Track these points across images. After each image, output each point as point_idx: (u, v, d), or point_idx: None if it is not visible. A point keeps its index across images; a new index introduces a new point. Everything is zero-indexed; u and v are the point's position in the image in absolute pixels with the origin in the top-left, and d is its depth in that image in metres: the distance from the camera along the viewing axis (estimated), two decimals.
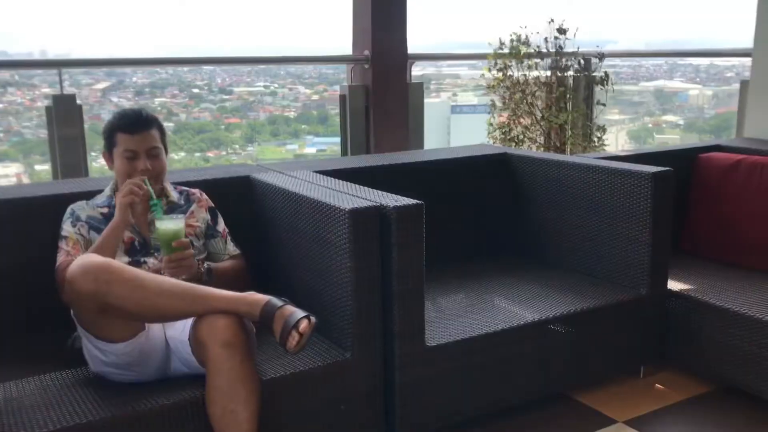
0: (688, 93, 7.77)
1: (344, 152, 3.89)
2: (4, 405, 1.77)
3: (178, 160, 5.52)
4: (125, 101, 3.16)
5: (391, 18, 3.78)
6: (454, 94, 5.74)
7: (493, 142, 4.19)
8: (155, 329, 1.94)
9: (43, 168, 5.76)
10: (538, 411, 2.38)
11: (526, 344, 2.30)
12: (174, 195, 2.30)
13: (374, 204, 2.00)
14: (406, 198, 2.05)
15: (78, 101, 3.13)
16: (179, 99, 5.68)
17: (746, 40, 3.58)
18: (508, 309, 2.38)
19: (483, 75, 4.22)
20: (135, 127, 2.17)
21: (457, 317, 2.31)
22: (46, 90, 5.64)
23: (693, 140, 7.54)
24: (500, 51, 4.09)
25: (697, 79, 7.78)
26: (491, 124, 4.20)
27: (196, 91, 5.92)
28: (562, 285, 2.59)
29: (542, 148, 4.11)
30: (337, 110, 6.75)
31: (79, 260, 1.77)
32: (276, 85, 6.28)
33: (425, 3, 4.15)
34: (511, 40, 4.06)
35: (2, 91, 5.68)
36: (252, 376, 1.79)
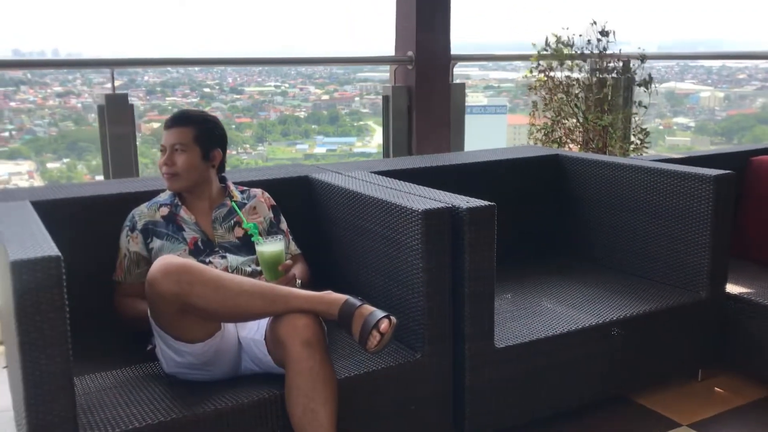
0: (699, 95, 7.74)
1: (386, 153, 3.90)
2: (85, 400, 1.79)
3: None
4: (136, 99, 3.18)
5: (435, 19, 3.78)
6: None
7: (534, 143, 4.19)
8: (229, 329, 1.95)
9: (55, 166, 5.81)
10: (600, 413, 2.39)
11: (589, 347, 2.30)
12: (238, 195, 2.32)
13: (446, 205, 2.01)
14: (477, 199, 2.06)
15: (130, 101, 3.14)
16: (190, 98, 5.71)
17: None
18: (568, 312, 2.37)
19: (525, 76, 4.21)
20: (170, 123, 2.21)
21: (518, 319, 2.32)
22: (58, 89, 5.69)
23: (704, 143, 7.51)
24: (544, 52, 4.08)
25: (709, 81, 7.75)
26: (533, 125, 4.20)
27: (207, 90, 5.95)
28: (619, 287, 2.59)
29: (582, 150, 4.10)
30: (347, 110, 6.76)
31: (160, 262, 1.78)
32: (287, 85, 6.30)
33: (466, 4, 4.13)
34: (556, 41, 4.05)
35: (15, 90, 5.72)
36: (331, 376, 1.79)
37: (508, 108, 6.22)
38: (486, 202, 2.02)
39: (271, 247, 2.03)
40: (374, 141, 6.75)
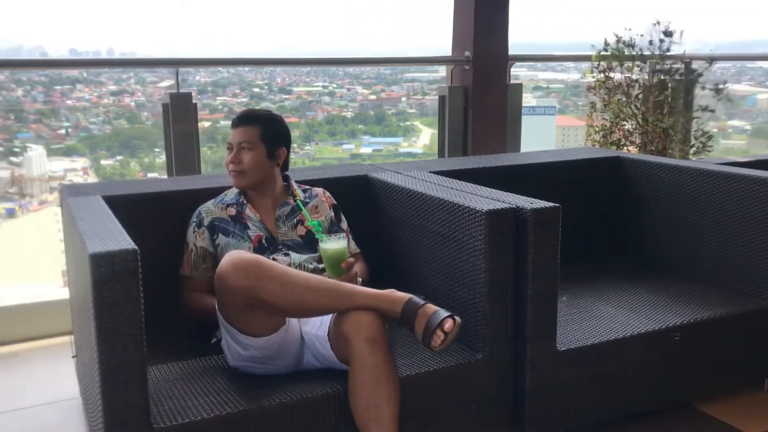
0: (756, 97, 7.53)
1: (441, 153, 3.89)
2: (154, 390, 1.84)
3: None
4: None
5: (493, 19, 3.76)
6: None
7: (592, 145, 4.14)
8: (292, 324, 1.98)
9: (108, 163, 5.95)
10: (662, 419, 2.34)
11: (650, 352, 2.27)
12: (300, 193, 2.35)
13: (510, 206, 2.00)
14: (541, 200, 2.04)
15: (194, 100, 3.21)
16: (240, 98, 5.78)
17: None
18: (627, 316, 2.34)
19: (584, 76, 4.17)
20: (237, 121, 2.25)
21: (577, 322, 2.30)
22: (112, 87, 5.83)
23: (761, 147, 7.29)
24: (604, 53, 4.03)
25: (767, 83, 7.53)
26: (591, 126, 4.15)
27: (256, 90, 6.02)
28: (680, 293, 2.54)
29: (641, 152, 4.04)
30: (394, 111, 6.75)
31: (230, 257, 1.82)
32: (334, 85, 6.34)
33: (525, 3, 4.09)
34: (616, 41, 3.99)
35: (71, 88, 5.88)
36: (394, 373, 1.81)
37: (558, 109, 6.15)
38: (551, 204, 2.01)
39: (334, 244, 2.06)
40: (420, 141, 6.75)
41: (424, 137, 6.80)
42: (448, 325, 1.77)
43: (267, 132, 2.24)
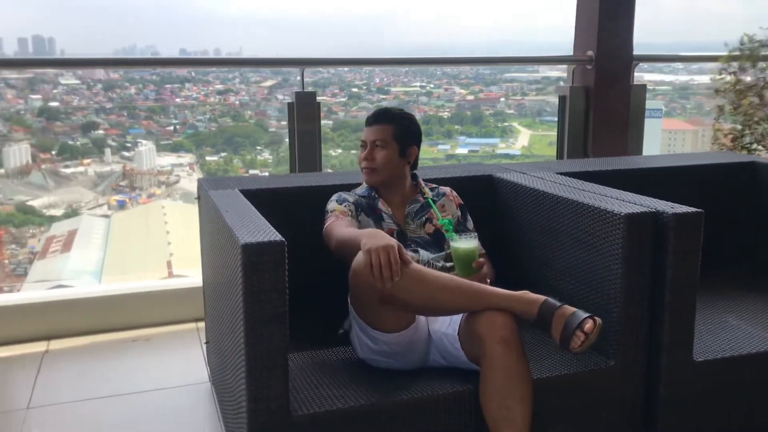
0: None
1: (560, 155, 3.82)
2: (291, 377, 1.90)
3: (335, 156, 5.69)
4: (288, 98, 3.30)
5: (617, 18, 3.66)
6: None
7: (719, 149, 3.96)
8: (421, 322, 2.00)
9: (212, 159, 6.14)
10: None
11: None
12: (428, 192, 2.37)
13: (650, 210, 1.95)
14: (683, 205, 1.97)
15: (318, 99, 3.28)
16: (339, 98, 5.85)
17: None
18: (756, 330, 2.22)
19: (718, 76, 3.98)
20: (371, 120, 2.29)
21: (714, 333, 2.20)
22: (218, 86, 6.00)
23: None
24: (734, 53, 3.84)
25: None
26: (718, 130, 3.97)
27: (355, 90, 6.08)
28: None
29: None
30: (492, 111, 6.64)
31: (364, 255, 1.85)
32: (432, 86, 6.32)
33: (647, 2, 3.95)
34: (749, 41, 3.80)
35: (180, 87, 6.11)
36: (527, 374, 1.79)
37: (664, 112, 5.91)
38: (694, 209, 1.94)
39: (466, 243, 2.06)
40: (518, 143, 6.64)
41: (523, 138, 6.69)
42: (588, 325, 1.74)
43: (400, 130, 2.27)
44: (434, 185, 2.44)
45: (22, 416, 2.39)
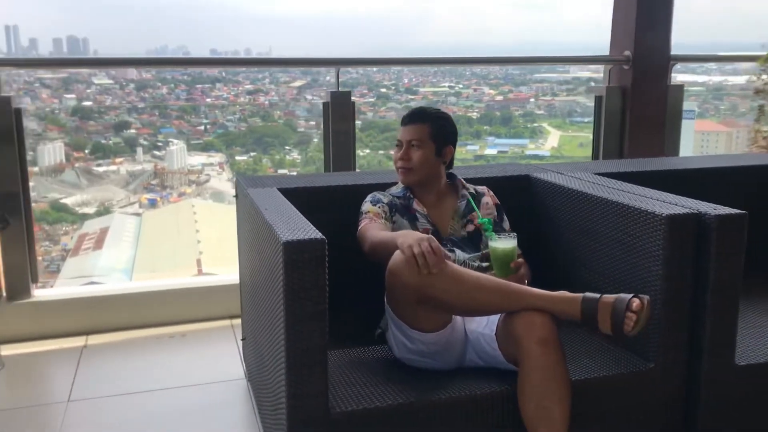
0: None
1: (595, 155, 3.79)
2: (329, 374, 1.90)
3: (363, 156, 5.69)
4: (318, 99, 3.30)
5: (656, 17, 3.62)
6: None
7: (758, 151, 3.89)
8: (457, 322, 2.00)
9: (242, 159, 6.17)
10: None
11: None
12: (472, 190, 2.36)
13: (692, 211, 1.92)
14: (725, 207, 1.95)
15: (352, 99, 3.29)
16: (367, 98, 5.84)
17: None
18: None
19: (751, 79, 3.92)
20: (407, 119, 2.28)
21: (756, 337, 2.17)
22: (248, 86, 6.04)
23: None
24: None
25: None
26: (758, 131, 3.90)
27: (383, 90, 6.07)
28: None
29: None
30: (521, 112, 6.57)
31: (401, 254, 1.85)
32: (460, 86, 6.28)
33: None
34: None
35: (211, 87, 6.15)
36: (565, 375, 1.78)
37: (697, 113, 5.81)
38: (737, 210, 1.92)
39: (505, 243, 2.05)
40: (548, 143, 6.58)
41: (552, 139, 6.63)
42: (636, 303, 1.72)
43: (436, 130, 2.27)
44: (471, 185, 2.43)
45: (63, 408, 2.44)
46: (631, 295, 1.74)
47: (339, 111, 3.27)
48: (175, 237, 6.21)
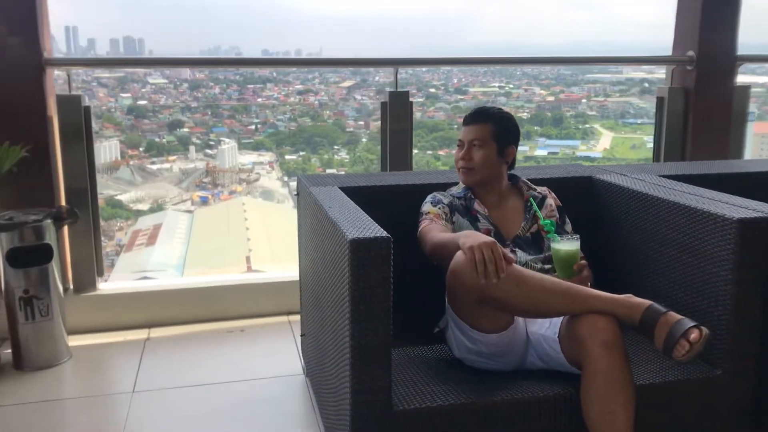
0: None
1: (656, 157, 3.71)
2: (392, 372, 1.92)
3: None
4: (366, 99, 3.28)
5: (722, 16, 3.53)
6: None
7: None
8: (519, 323, 1.98)
9: (291, 158, 6.23)
10: None
11: None
12: (537, 192, 2.34)
13: (764, 215, 1.87)
14: None
15: (410, 98, 3.30)
16: (416, 98, 5.82)
17: None
18: None
19: None
20: (469, 119, 2.27)
21: None
22: (298, 86, 6.09)
23: None
24: None
25: None
26: None
27: (432, 90, 6.04)
28: None
29: None
30: (573, 113, 6.46)
31: (463, 255, 1.85)
32: (511, 86, 6.21)
33: None
34: None
35: (262, 87, 6.21)
36: (630, 379, 1.76)
37: (756, 115, 5.63)
38: None
39: (568, 245, 2.03)
40: (600, 145, 6.46)
41: (604, 141, 6.52)
42: (695, 335, 1.69)
43: (498, 130, 2.25)
44: (533, 186, 2.41)
45: (128, 399, 2.50)
46: (694, 324, 1.71)
47: (396, 110, 3.28)
48: (225, 234, 6.31)
